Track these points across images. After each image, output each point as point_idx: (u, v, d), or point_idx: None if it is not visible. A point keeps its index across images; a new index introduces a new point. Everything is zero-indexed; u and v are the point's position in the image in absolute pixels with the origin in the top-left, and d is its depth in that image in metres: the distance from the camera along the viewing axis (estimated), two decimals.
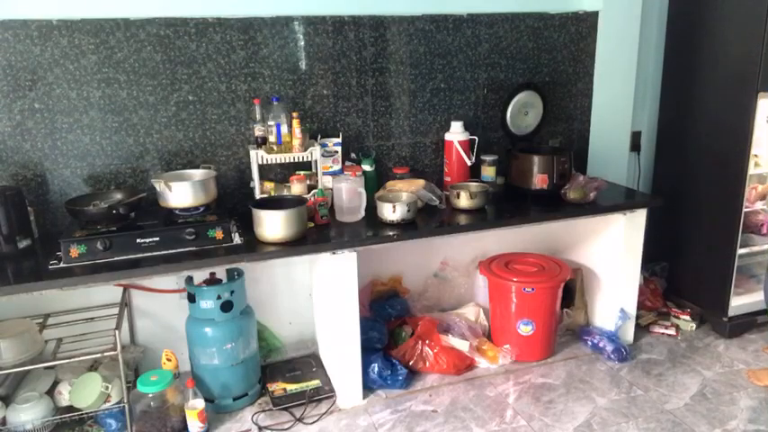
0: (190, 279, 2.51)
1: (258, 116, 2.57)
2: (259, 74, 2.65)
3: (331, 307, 2.54)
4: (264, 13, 2.59)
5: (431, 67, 2.91)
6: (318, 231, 2.48)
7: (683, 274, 3.39)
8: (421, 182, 2.75)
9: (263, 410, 2.55)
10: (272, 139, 2.55)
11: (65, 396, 2.36)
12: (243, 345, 2.52)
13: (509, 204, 2.82)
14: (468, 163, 2.91)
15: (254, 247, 2.32)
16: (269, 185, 2.63)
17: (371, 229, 2.51)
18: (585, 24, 3.13)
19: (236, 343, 2.49)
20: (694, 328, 3.19)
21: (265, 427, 2.45)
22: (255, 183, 2.58)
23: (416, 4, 2.81)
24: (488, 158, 3.00)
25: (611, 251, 2.96)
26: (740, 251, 3.01)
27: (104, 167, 2.55)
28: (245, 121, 2.68)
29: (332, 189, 2.65)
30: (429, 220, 2.62)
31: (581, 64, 3.19)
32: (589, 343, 3.01)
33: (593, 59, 3.20)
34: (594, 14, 3.12)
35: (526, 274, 2.88)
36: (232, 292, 2.47)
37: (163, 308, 2.70)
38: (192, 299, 2.47)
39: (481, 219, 2.66)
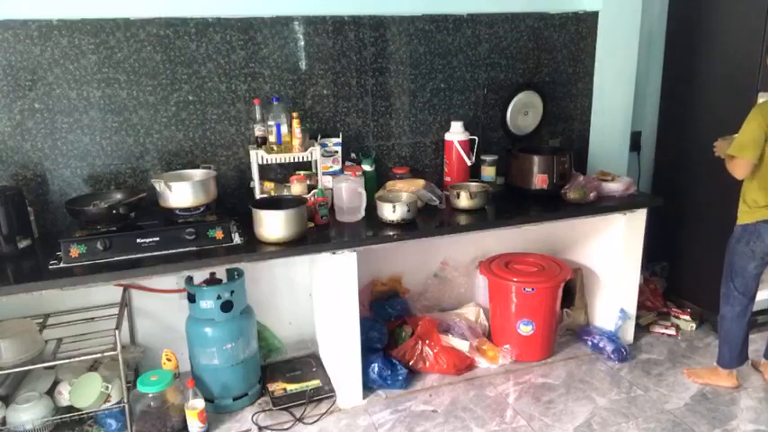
0: (190, 279, 2.51)
1: (258, 116, 2.57)
2: (259, 74, 2.65)
3: (331, 307, 2.54)
4: (264, 13, 2.59)
5: (431, 67, 2.91)
6: (318, 231, 2.48)
7: (683, 274, 3.39)
8: (421, 182, 2.75)
9: (263, 410, 2.55)
10: (272, 139, 2.55)
11: (65, 396, 2.36)
12: (243, 345, 2.52)
13: (509, 204, 2.82)
14: (469, 163, 2.91)
15: (254, 247, 2.32)
16: (269, 185, 2.63)
17: (371, 229, 2.51)
18: (585, 24, 3.13)
19: (236, 343, 2.49)
20: (694, 328, 3.19)
21: (265, 427, 2.45)
22: (255, 183, 2.58)
23: (416, 4, 2.81)
24: (488, 158, 3.00)
25: (611, 251, 2.96)
26: None
27: (104, 167, 2.55)
28: (245, 121, 2.68)
29: (332, 189, 2.64)
30: (429, 220, 2.62)
31: (581, 64, 3.19)
32: (589, 343, 3.01)
33: (593, 59, 3.19)
34: (594, 14, 3.12)
35: (526, 274, 2.88)
36: (232, 292, 2.47)
37: (163, 308, 2.70)
38: (191, 299, 2.47)
39: (481, 219, 2.66)
